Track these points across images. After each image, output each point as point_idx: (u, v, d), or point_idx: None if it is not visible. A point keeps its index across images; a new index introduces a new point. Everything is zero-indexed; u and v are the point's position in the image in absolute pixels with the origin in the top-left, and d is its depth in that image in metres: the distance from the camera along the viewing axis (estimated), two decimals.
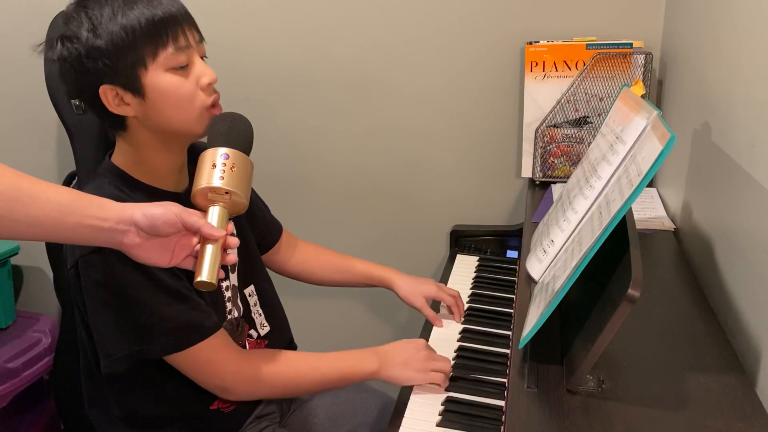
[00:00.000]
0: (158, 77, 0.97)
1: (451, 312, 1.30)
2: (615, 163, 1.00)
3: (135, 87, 0.97)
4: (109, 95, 0.97)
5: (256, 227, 1.27)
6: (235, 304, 1.15)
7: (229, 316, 1.13)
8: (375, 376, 1.08)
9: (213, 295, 1.09)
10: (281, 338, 1.26)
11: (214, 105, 1.03)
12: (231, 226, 0.92)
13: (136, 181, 1.04)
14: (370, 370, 1.08)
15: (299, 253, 1.38)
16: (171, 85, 0.98)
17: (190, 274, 0.90)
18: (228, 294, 1.14)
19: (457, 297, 1.32)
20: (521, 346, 0.93)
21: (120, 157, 1.05)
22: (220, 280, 1.13)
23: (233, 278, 1.16)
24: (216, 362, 1.02)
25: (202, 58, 1.03)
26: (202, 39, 1.03)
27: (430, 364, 1.08)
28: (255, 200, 1.31)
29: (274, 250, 1.34)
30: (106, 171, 1.05)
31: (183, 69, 0.99)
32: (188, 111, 1.00)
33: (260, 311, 1.21)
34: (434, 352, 1.13)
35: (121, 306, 0.97)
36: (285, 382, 1.08)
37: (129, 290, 0.96)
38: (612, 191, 0.95)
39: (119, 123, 1.02)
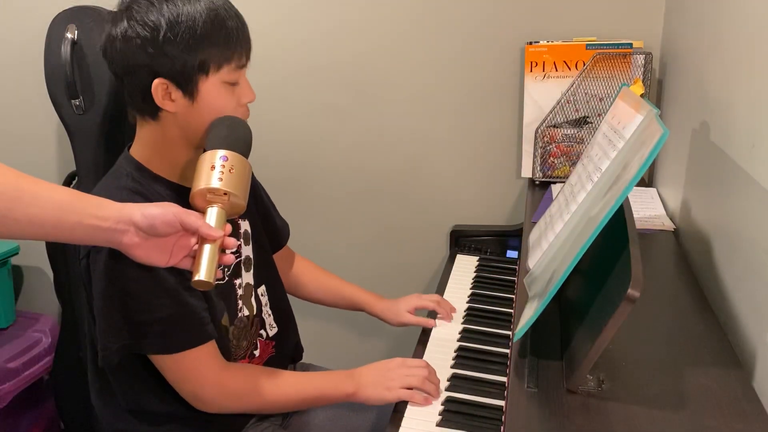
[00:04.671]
0: (213, 88, 1.00)
1: (439, 315, 1.30)
2: (613, 156, 1.00)
3: (189, 89, 0.99)
4: (160, 88, 0.98)
5: (267, 228, 1.27)
6: (247, 303, 1.16)
7: (240, 314, 1.14)
8: (351, 399, 1.09)
9: (225, 292, 1.09)
10: (288, 341, 1.26)
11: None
12: (229, 227, 0.93)
13: (155, 174, 1.05)
14: (346, 393, 1.09)
15: (297, 268, 1.39)
16: (219, 98, 1.01)
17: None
18: (240, 292, 1.14)
19: (438, 300, 1.33)
20: (516, 339, 0.93)
21: (139, 150, 1.06)
22: (234, 278, 1.14)
23: (248, 276, 1.17)
24: (198, 371, 1.02)
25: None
26: (248, 59, 1.06)
27: (401, 381, 1.06)
28: (267, 202, 1.31)
29: (278, 256, 1.33)
30: (124, 163, 1.06)
31: (232, 85, 1.03)
32: None
33: (269, 312, 1.21)
34: (408, 364, 1.09)
35: (120, 300, 0.97)
36: (263, 399, 1.07)
37: (131, 285, 0.97)
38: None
39: (152, 112, 1.02)
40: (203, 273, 0.87)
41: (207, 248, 0.89)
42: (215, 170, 0.93)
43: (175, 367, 1.02)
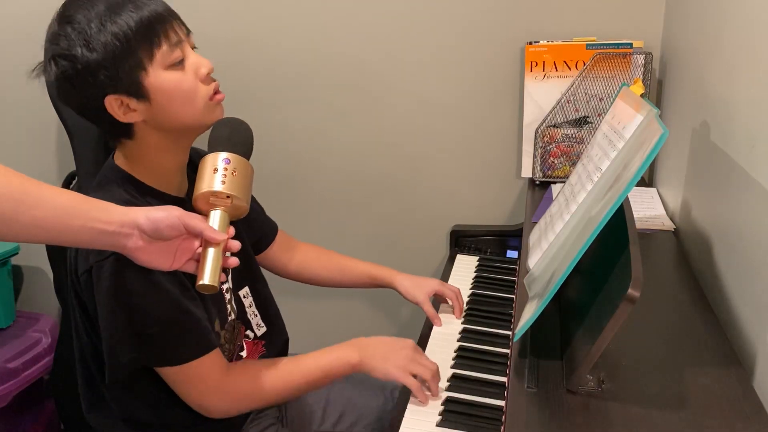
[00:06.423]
0: (159, 77, 0.97)
1: (451, 307, 1.31)
2: (613, 156, 1.01)
3: (138, 92, 0.97)
4: (115, 105, 0.97)
5: (252, 228, 1.27)
6: (230, 306, 1.15)
7: (229, 318, 1.13)
8: (357, 369, 1.07)
9: (216, 297, 1.09)
10: (278, 338, 1.25)
11: (216, 92, 1.03)
12: (232, 230, 0.93)
13: (145, 185, 1.04)
14: (350, 364, 1.07)
15: (300, 255, 1.38)
16: (172, 82, 0.98)
17: (194, 280, 0.91)
18: (227, 296, 1.14)
19: (457, 293, 1.32)
20: (516, 339, 0.93)
21: (125, 162, 1.05)
22: (221, 283, 1.13)
23: (228, 280, 1.16)
24: (201, 380, 1.01)
25: (192, 49, 1.03)
26: (189, 31, 1.03)
27: (412, 365, 1.05)
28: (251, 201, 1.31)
29: (271, 251, 1.34)
30: (114, 176, 1.04)
31: (180, 64, 0.99)
32: (194, 104, 1.01)
33: (256, 312, 1.20)
34: (422, 355, 1.09)
35: (126, 314, 0.96)
36: (268, 395, 1.06)
37: (136, 299, 0.95)
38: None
39: (126, 131, 1.01)
40: (208, 277, 0.87)
41: (211, 252, 0.89)
42: (218, 173, 0.93)
43: (180, 377, 1.01)
